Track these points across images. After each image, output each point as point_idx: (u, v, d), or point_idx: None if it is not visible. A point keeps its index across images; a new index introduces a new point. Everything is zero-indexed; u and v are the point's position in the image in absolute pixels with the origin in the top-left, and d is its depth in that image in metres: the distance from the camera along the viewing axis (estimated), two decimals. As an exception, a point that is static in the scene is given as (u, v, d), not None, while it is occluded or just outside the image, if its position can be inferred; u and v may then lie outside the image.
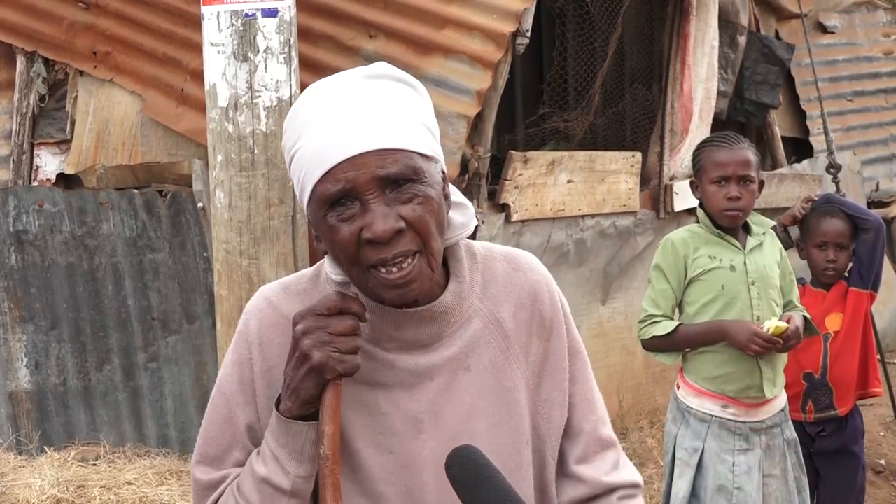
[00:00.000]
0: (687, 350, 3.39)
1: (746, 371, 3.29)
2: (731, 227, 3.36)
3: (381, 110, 1.39)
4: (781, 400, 3.41)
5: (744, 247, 3.37)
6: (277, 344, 1.48)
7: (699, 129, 5.86)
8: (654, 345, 3.37)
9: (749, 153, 3.34)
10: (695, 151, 3.48)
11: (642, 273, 5.88)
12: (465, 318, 1.50)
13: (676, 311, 3.45)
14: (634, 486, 1.61)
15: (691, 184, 3.45)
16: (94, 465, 4.90)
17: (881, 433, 5.65)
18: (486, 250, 1.58)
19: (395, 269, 1.37)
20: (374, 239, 1.35)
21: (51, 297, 5.21)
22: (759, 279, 3.34)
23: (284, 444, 1.41)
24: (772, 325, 3.20)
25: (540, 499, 1.56)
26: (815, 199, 3.85)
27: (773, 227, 3.56)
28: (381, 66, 1.45)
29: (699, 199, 3.41)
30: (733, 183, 3.29)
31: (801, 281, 3.78)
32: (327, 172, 1.37)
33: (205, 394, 5.09)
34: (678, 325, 3.33)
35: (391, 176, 1.36)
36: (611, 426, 1.66)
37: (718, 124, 6.20)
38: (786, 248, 3.68)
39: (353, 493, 1.46)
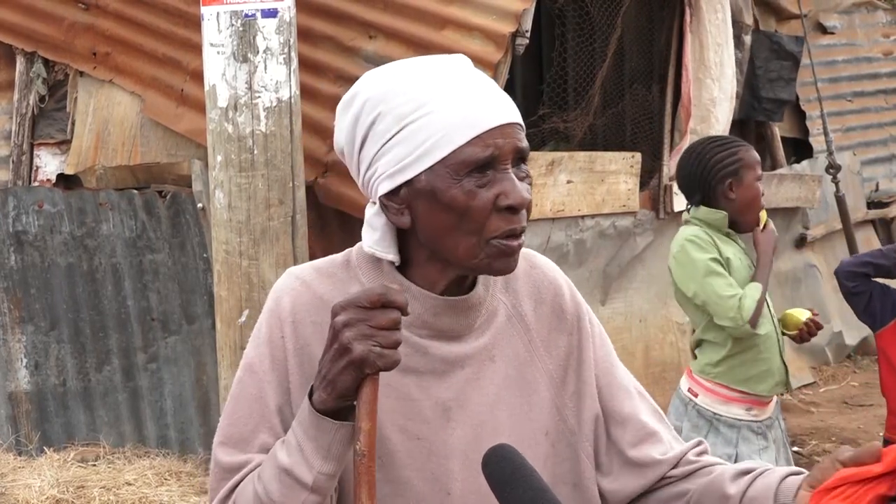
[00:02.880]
0: (719, 359, 3.32)
1: (777, 367, 3.32)
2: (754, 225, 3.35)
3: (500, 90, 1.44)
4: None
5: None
6: (310, 323, 1.45)
7: (724, 131, 5.80)
8: (757, 314, 3.22)
9: None
10: (726, 152, 3.29)
11: (642, 274, 5.87)
12: (492, 310, 1.52)
13: (697, 310, 3.35)
14: (699, 443, 1.61)
15: (728, 185, 3.26)
16: (94, 465, 4.90)
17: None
18: None
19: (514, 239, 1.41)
20: (515, 205, 1.38)
21: (50, 297, 5.21)
22: None
23: (313, 437, 1.37)
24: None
25: (575, 495, 1.55)
26: None
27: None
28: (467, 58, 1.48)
29: (734, 199, 3.26)
30: (761, 181, 3.34)
31: None
32: (478, 136, 1.37)
33: (205, 394, 5.10)
34: (754, 285, 3.23)
35: (524, 151, 1.41)
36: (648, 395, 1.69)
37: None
38: None
39: (378, 479, 1.42)
